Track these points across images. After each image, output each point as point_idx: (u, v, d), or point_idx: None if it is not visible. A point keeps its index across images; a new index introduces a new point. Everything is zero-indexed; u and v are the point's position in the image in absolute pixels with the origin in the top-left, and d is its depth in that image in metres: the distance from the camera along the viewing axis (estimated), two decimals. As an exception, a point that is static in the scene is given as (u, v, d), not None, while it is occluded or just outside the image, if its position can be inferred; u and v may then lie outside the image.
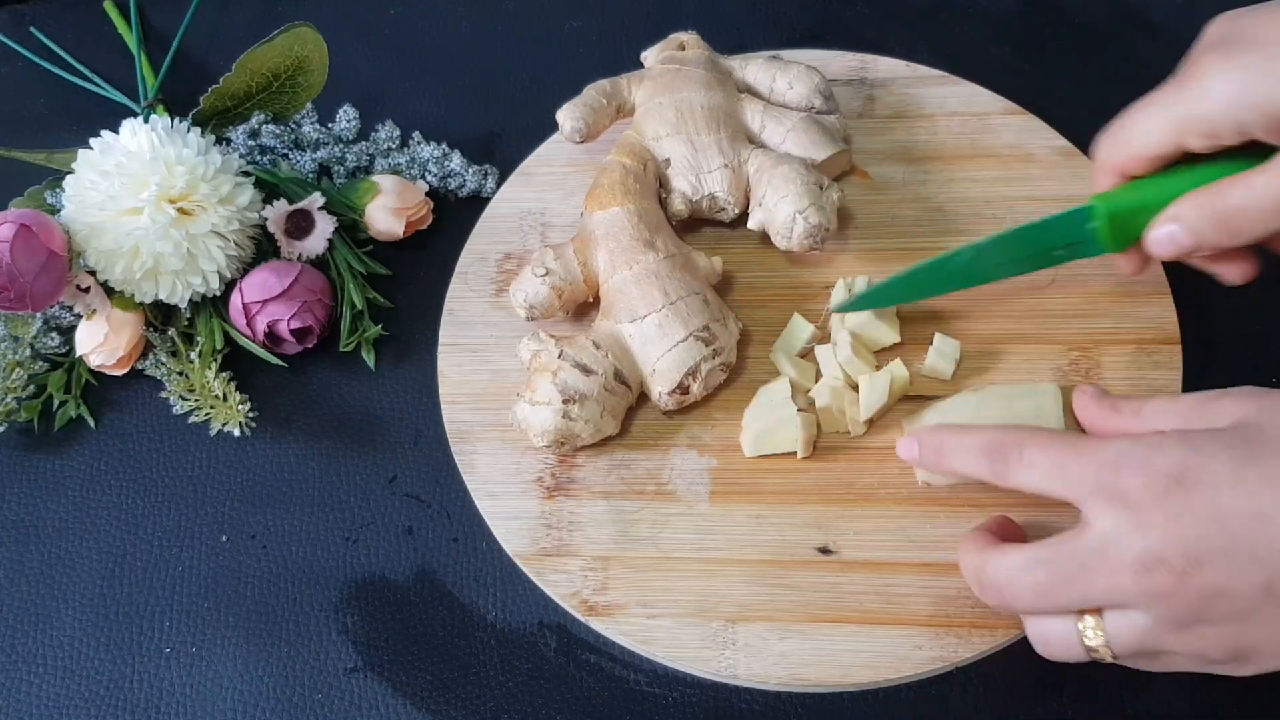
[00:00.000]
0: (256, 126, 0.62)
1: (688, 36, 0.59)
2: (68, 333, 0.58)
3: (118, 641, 0.51)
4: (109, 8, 0.71)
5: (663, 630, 0.48)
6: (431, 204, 0.61)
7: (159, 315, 0.58)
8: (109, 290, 0.56)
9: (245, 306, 0.55)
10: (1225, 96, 0.41)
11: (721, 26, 0.68)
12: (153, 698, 0.50)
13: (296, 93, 0.61)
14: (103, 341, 0.56)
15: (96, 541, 0.54)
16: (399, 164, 0.62)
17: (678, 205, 0.55)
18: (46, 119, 0.69)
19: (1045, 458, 0.41)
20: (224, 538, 0.54)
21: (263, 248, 0.59)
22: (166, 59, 0.68)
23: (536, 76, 0.67)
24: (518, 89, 0.67)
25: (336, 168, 0.63)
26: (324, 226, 0.58)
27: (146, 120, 0.56)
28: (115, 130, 0.56)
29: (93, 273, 0.56)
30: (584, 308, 0.55)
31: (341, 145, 0.63)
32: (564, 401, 0.49)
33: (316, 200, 0.58)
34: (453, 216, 0.61)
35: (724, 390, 0.53)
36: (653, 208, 0.54)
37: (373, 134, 0.63)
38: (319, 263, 0.59)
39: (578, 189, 0.59)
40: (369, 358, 0.58)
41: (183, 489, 0.55)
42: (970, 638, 0.46)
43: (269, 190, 0.59)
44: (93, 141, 0.56)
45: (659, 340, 0.50)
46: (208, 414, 0.55)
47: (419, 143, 0.62)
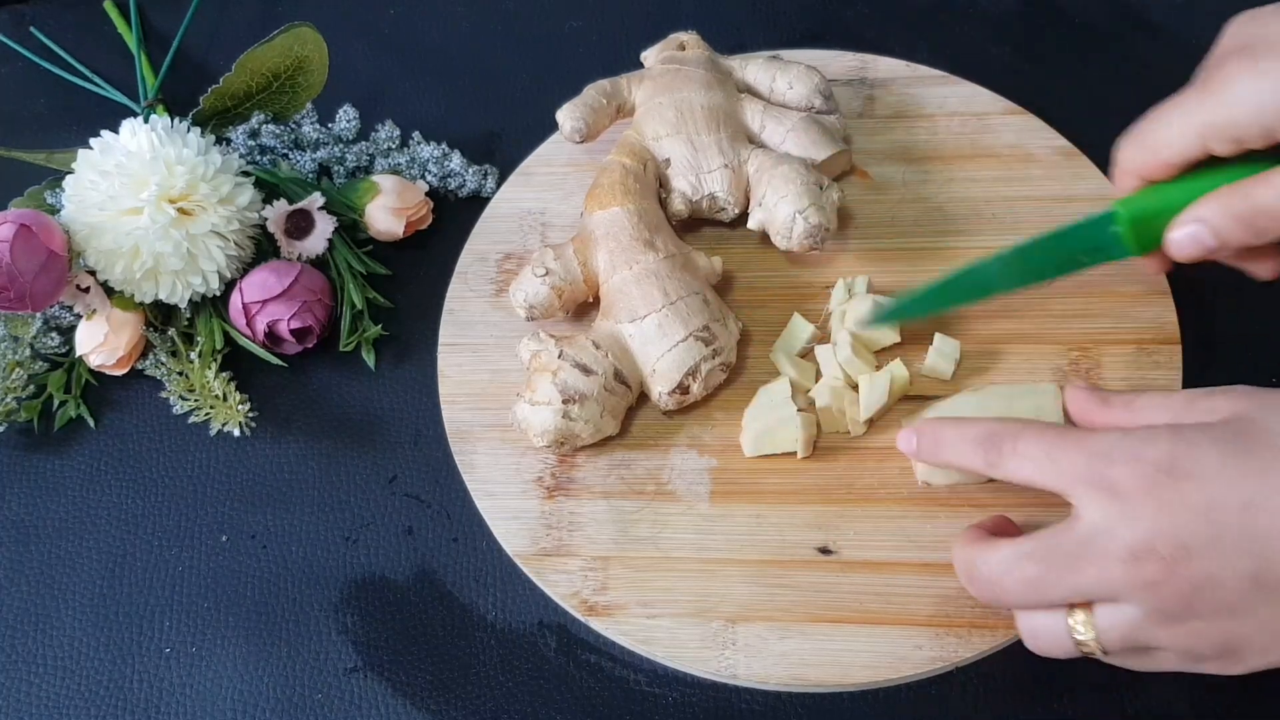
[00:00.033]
0: (256, 126, 0.62)
1: (688, 36, 0.59)
2: (68, 333, 0.58)
3: (118, 641, 0.51)
4: (109, 8, 0.71)
5: (663, 630, 0.48)
6: (431, 204, 0.61)
7: (159, 315, 0.58)
8: (109, 290, 0.56)
9: (245, 306, 0.55)
10: (1252, 103, 0.41)
11: (721, 26, 0.68)
12: (153, 698, 0.50)
13: (296, 93, 0.61)
14: (103, 341, 0.56)
15: (96, 541, 0.54)
16: (399, 164, 0.62)
17: (678, 205, 0.55)
18: (46, 119, 0.69)
19: (1037, 448, 0.41)
20: (224, 538, 0.54)
21: (263, 248, 0.59)
22: (166, 59, 0.68)
23: (536, 76, 0.67)
24: (518, 89, 0.67)
25: (336, 168, 0.63)
26: (324, 226, 0.58)
27: (146, 120, 0.56)
28: (115, 130, 0.56)
29: (93, 273, 0.56)
30: (584, 308, 0.55)
31: (341, 145, 0.63)
32: (564, 401, 0.49)
33: (316, 200, 0.58)
34: (453, 216, 0.61)
35: (724, 390, 0.53)
36: (653, 208, 0.54)
37: (373, 134, 0.63)
38: (319, 263, 0.59)
39: (578, 189, 0.59)
40: (369, 358, 0.58)
41: (183, 489, 0.55)
42: (970, 638, 0.46)
43: (269, 190, 0.59)
44: (93, 141, 0.56)
45: (659, 340, 0.50)
46: (208, 414, 0.55)
47: (419, 143, 0.62)
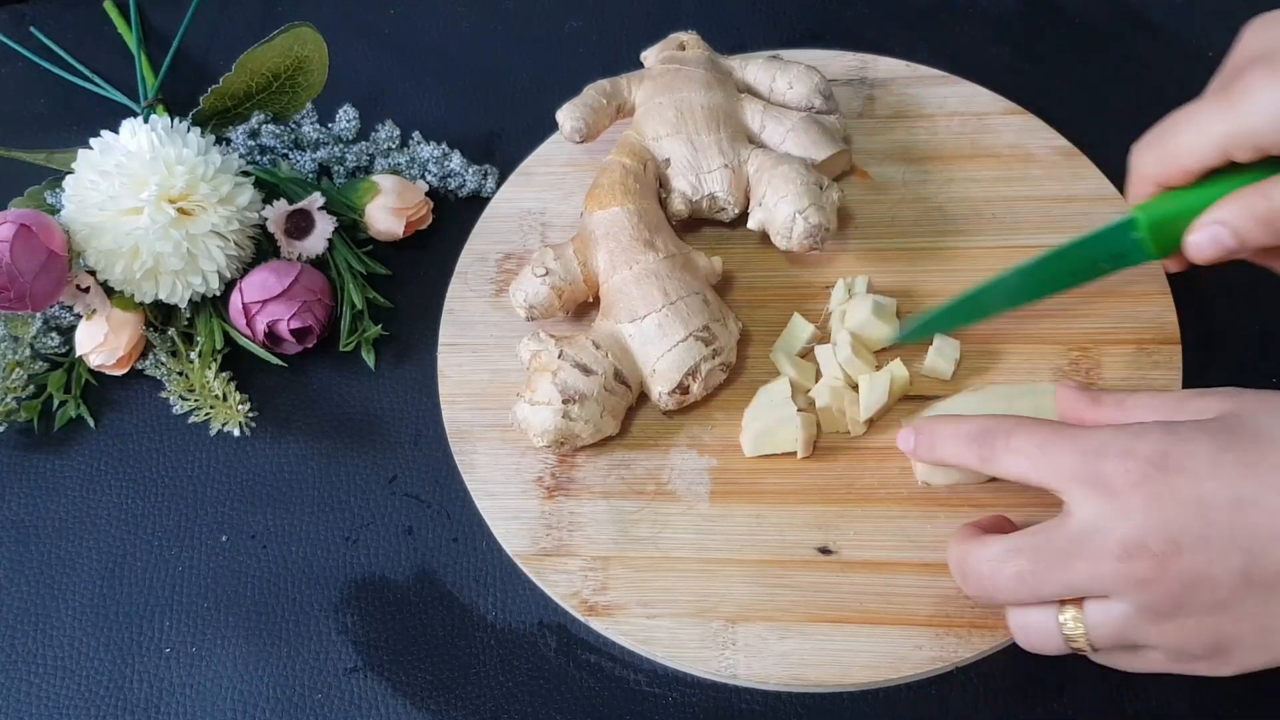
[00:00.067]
0: (256, 126, 0.62)
1: (688, 36, 0.59)
2: (68, 333, 0.58)
3: (118, 641, 0.51)
4: (109, 8, 0.71)
5: (663, 630, 0.48)
6: (431, 204, 0.61)
7: (159, 315, 0.58)
8: (109, 290, 0.56)
9: (245, 306, 0.55)
10: (1274, 113, 0.41)
11: (721, 26, 0.68)
12: (153, 698, 0.50)
13: (296, 93, 0.61)
14: (103, 341, 0.56)
15: (96, 541, 0.54)
16: (399, 164, 0.62)
17: (678, 205, 0.55)
18: (46, 119, 0.69)
19: (1030, 444, 0.42)
20: (224, 538, 0.54)
21: (263, 248, 0.59)
22: (166, 59, 0.68)
23: (536, 76, 0.67)
24: (518, 89, 0.67)
25: (336, 168, 0.63)
26: (324, 226, 0.58)
27: (146, 120, 0.56)
28: (115, 130, 0.56)
29: (93, 273, 0.56)
30: (584, 308, 0.55)
31: (341, 145, 0.63)
32: (564, 401, 0.49)
33: (316, 200, 0.58)
34: (453, 216, 0.61)
35: (724, 390, 0.53)
36: (653, 208, 0.54)
37: (373, 134, 0.63)
38: (319, 263, 0.59)
39: (578, 189, 0.59)
40: (369, 358, 0.58)
41: (183, 489, 0.55)
42: (970, 638, 0.46)
43: (269, 190, 0.59)
44: (93, 141, 0.56)
45: (659, 340, 0.50)
46: (208, 414, 0.55)
47: (419, 143, 0.62)
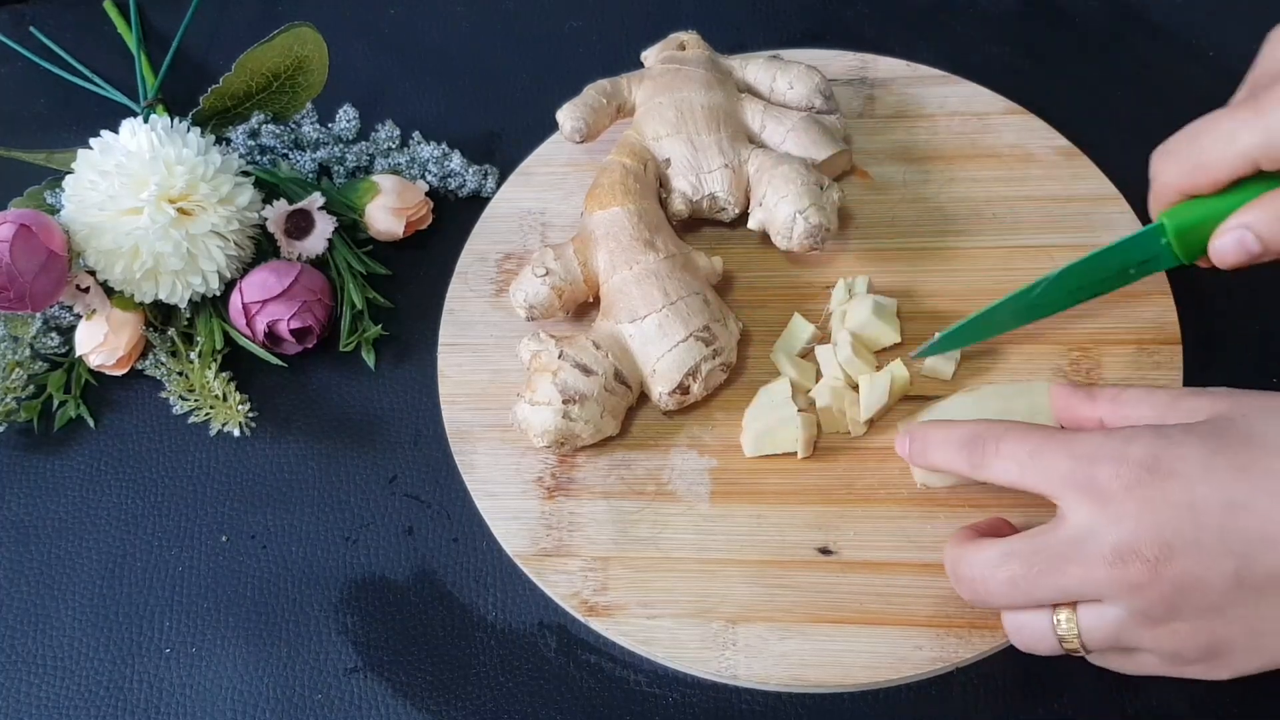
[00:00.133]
0: (256, 126, 0.62)
1: (688, 36, 0.59)
2: (67, 333, 0.58)
3: (118, 641, 0.51)
4: (109, 8, 0.71)
5: (663, 631, 0.48)
6: (431, 204, 0.61)
7: (159, 315, 0.58)
8: (109, 290, 0.56)
9: (245, 306, 0.55)
10: None
11: (721, 26, 0.68)
12: (153, 698, 0.50)
13: (296, 93, 0.61)
14: (102, 341, 0.56)
15: (96, 541, 0.54)
16: (399, 164, 0.62)
17: (678, 205, 0.55)
18: (46, 119, 0.69)
19: (1021, 450, 0.42)
20: (224, 538, 0.54)
21: (263, 248, 0.59)
22: (166, 59, 0.68)
23: (536, 76, 0.67)
24: (518, 89, 0.67)
25: (336, 168, 0.63)
26: (324, 226, 0.58)
27: (146, 120, 0.56)
28: (115, 130, 0.56)
29: (92, 273, 0.55)
30: (584, 308, 0.55)
31: (341, 145, 0.63)
32: (564, 401, 0.49)
33: (316, 200, 0.58)
34: (453, 216, 0.61)
35: (724, 390, 0.53)
36: (653, 208, 0.54)
37: (373, 134, 0.63)
38: (319, 263, 0.59)
39: (578, 189, 0.59)
40: (369, 358, 0.58)
41: (183, 489, 0.55)
42: (970, 638, 0.46)
43: (269, 190, 0.59)
44: (92, 141, 0.56)
45: (659, 340, 0.50)
46: (208, 414, 0.55)
47: (419, 143, 0.62)
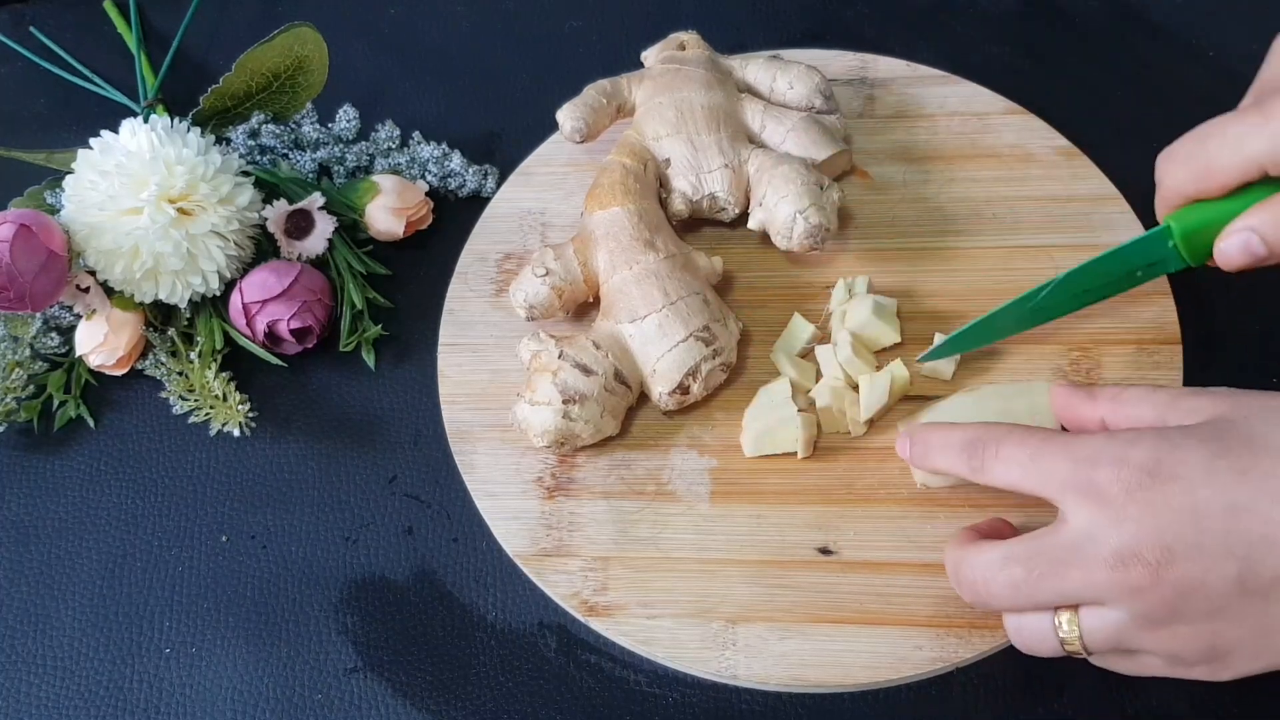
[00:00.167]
0: (256, 126, 0.62)
1: (688, 36, 0.59)
2: (67, 333, 0.58)
3: (118, 641, 0.51)
4: (109, 8, 0.71)
5: (663, 631, 0.48)
6: (431, 204, 0.61)
7: (159, 315, 0.58)
8: (109, 290, 0.56)
9: (245, 306, 0.55)
10: None
11: (721, 26, 0.68)
12: (153, 698, 0.50)
13: (296, 93, 0.61)
14: (102, 341, 0.56)
15: (96, 541, 0.54)
16: (399, 164, 0.62)
17: (678, 205, 0.55)
18: (46, 119, 0.69)
19: (1021, 453, 0.42)
20: (224, 538, 0.54)
21: (263, 248, 0.59)
22: (166, 59, 0.68)
23: (536, 76, 0.67)
24: (518, 89, 0.67)
25: (336, 168, 0.63)
26: (324, 226, 0.58)
27: (146, 120, 0.56)
28: (115, 130, 0.56)
29: (92, 273, 0.55)
30: (584, 308, 0.55)
31: (341, 145, 0.63)
32: (564, 401, 0.49)
33: (316, 200, 0.58)
34: (453, 216, 0.61)
35: (724, 390, 0.53)
36: (653, 208, 0.54)
37: (373, 134, 0.63)
38: (319, 263, 0.59)
39: (578, 189, 0.59)
40: (369, 358, 0.58)
41: (183, 489, 0.55)
42: (970, 638, 0.46)
43: (269, 190, 0.59)
44: (92, 141, 0.56)
45: (659, 340, 0.50)
46: (208, 414, 0.55)
47: (419, 143, 0.62)
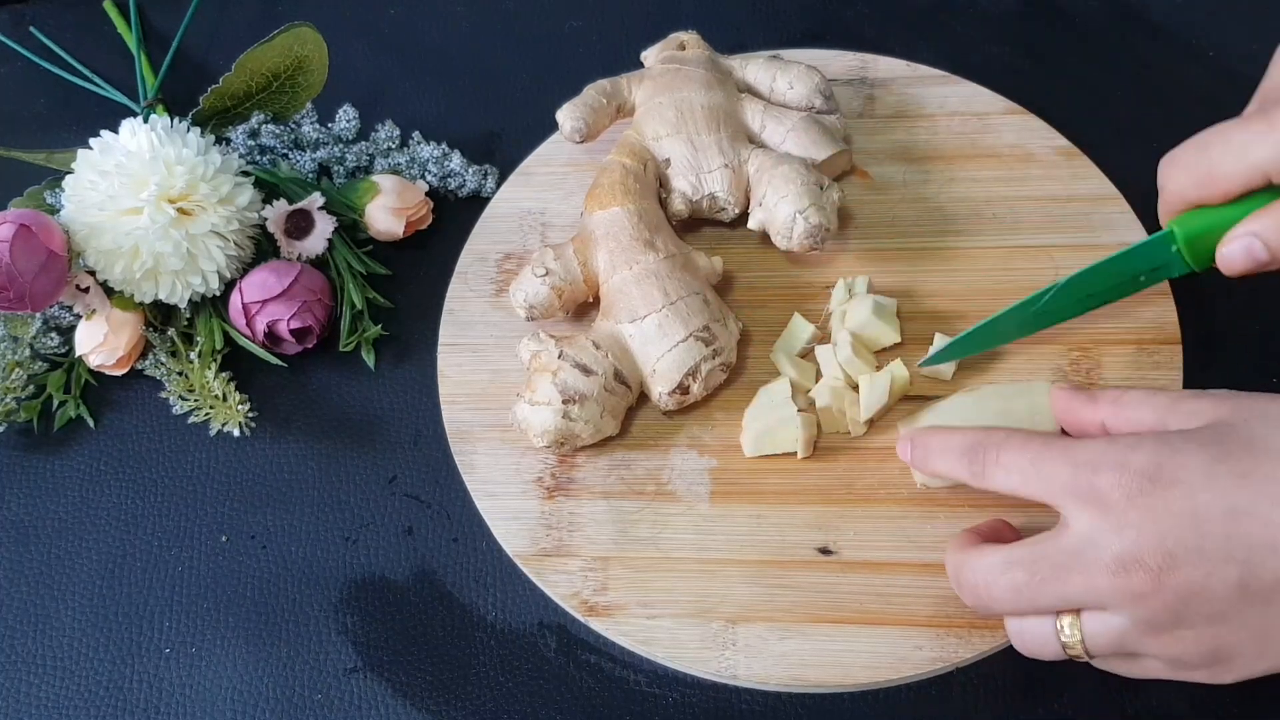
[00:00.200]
0: (256, 126, 0.62)
1: (688, 36, 0.59)
2: (67, 333, 0.58)
3: (118, 641, 0.51)
4: (109, 8, 0.71)
5: (663, 631, 0.48)
6: (431, 204, 0.61)
7: (159, 315, 0.58)
8: (108, 290, 0.56)
9: (245, 306, 0.55)
10: None
11: (721, 26, 0.68)
12: (153, 698, 0.50)
13: (296, 93, 0.61)
14: (102, 341, 0.56)
15: (96, 541, 0.54)
16: (399, 164, 0.62)
17: (678, 205, 0.55)
18: (46, 119, 0.69)
19: (1021, 459, 0.41)
20: (224, 538, 0.54)
21: (263, 248, 0.59)
22: (166, 59, 0.68)
23: (536, 76, 0.67)
24: (518, 89, 0.67)
25: (336, 168, 0.63)
26: (324, 226, 0.58)
27: (146, 120, 0.56)
28: (115, 130, 0.56)
29: (92, 273, 0.55)
30: (584, 308, 0.55)
31: (341, 145, 0.63)
32: (564, 401, 0.49)
33: (316, 200, 0.58)
34: (453, 216, 0.61)
35: (724, 390, 0.53)
36: (653, 208, 0.54)
37: (373, 134, 0.63)
38: (319, 263, 0.59)
39: (578, 189, 0.59)
40: (369, 358, 0.58)
41: (183, 489, 0.55)
42: (970, 638, 0.46)
43: (269, 190, 0.59)
44: (92, 141, 0.56)
45: (659, 340, 0.50)
46: (207, 414, 0.55)
47: (419, 143, 0.62)
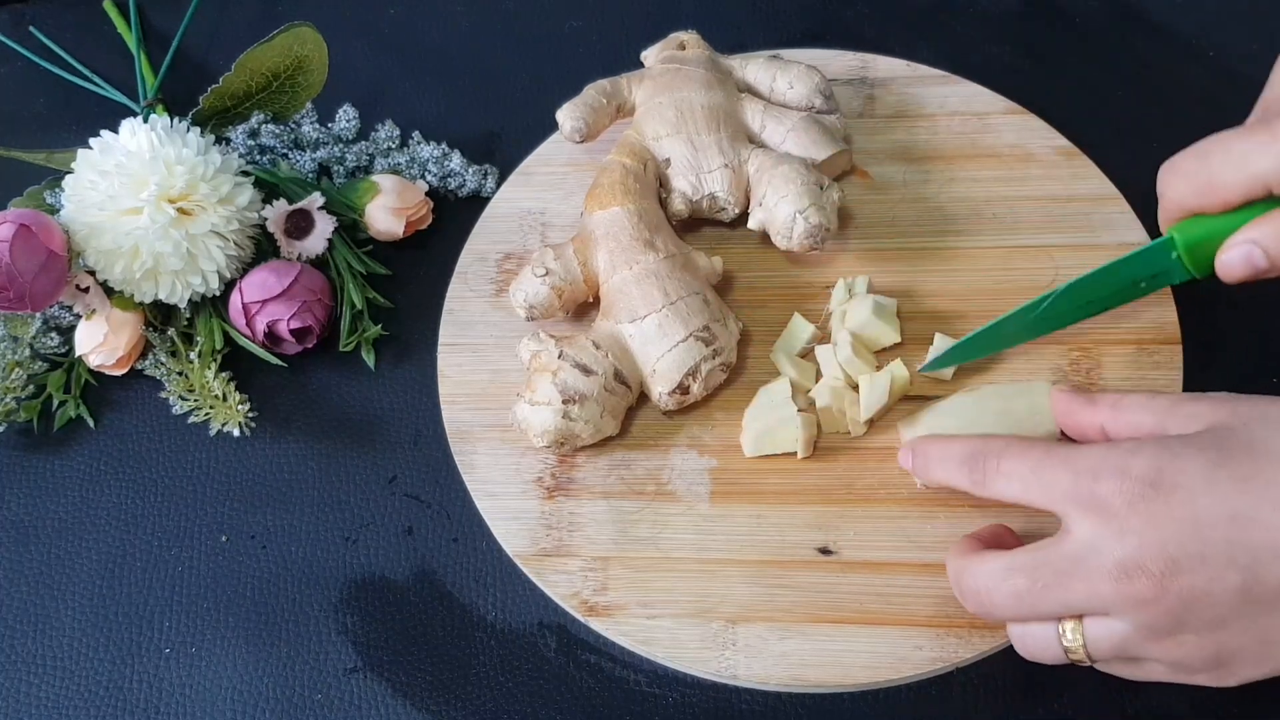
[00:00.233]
0: (256, 126, 0.62)
1: (688, 36, 0.59)
2: (67, 333, 0.58)
3: (118, 641, 0.51)
4: (109, 8, 0.71)
5: (663, 631, 0.48)
6: (431, 204, 0.61)
7: (159, 315, 0.58)
8: (108, 290, 0.56)
9: (245, 306, 0.55)
10: None
11: (721, 26, 0.68)
12: (153, 698, 0.50)
13: (296, 93, 0.61)
14: (102, 341, 0.56)
15: (96, 541, 0.54)
16: (399, 164, 0.62)
17: (678, 205, 0.55)
18: (46, 119, 0.69)
19: (1022, 466, 0.41)
20: (224, 538, 0.54)
21: (263, 248, 0.59)
22: (166, 59, 0.68)
23: (536, 76, 0.67)
24: (518, 89, 0.67)
25: (336, 167, 0.63)
26: (324, 226, 0.58)
27: (146, 120, 0.56)
28: (115, 130, 0.56)
29: (92, 273, 0.55)
30: (584, 308, 0.55)
31: (341, 145, 0.63)
32: (564, 401, 0.49)
33: (316, 200, 0.58)
34: (453, 216, 0.61)
35: (724, 390, 0.53)
36: (653, 208, 0.54)
37: (372, 134, 0.63)
38: (319, 263, 0.59)
39: (578, 189, 0.59)
40: (369, 358, 0.58)
41: (183, 489, 0.55)
42: (970, 638, 0.46)
43: (269, 190, 0.59)
44: (92, 141, 0.56)
45: (659, 340, 0.50)
46: (207, 414, 0.55)
47: (419, 143, 0.62)
